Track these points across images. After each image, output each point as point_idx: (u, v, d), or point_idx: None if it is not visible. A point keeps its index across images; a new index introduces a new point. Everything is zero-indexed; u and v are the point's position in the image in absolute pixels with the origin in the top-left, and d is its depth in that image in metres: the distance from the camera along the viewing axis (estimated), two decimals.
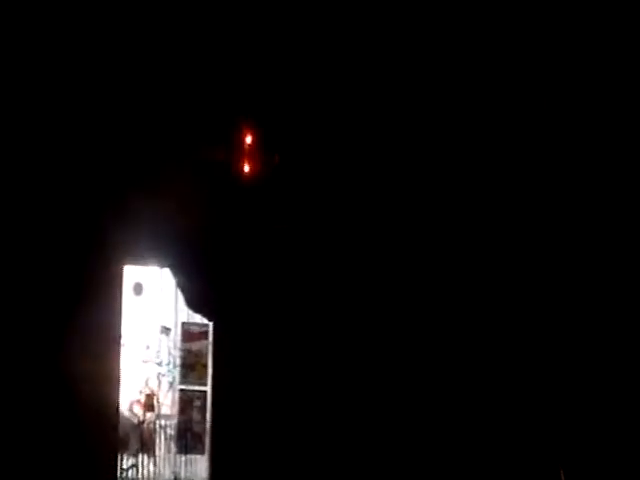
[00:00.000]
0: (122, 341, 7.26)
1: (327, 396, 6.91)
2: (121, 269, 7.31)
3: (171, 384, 7.47)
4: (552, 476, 6.55)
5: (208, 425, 7.23)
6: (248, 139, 7.00)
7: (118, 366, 7.15)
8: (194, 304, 7.27)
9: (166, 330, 7.53)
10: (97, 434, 6.79)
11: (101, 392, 6.91)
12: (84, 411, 6.72)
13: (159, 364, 7.54)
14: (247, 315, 7.00)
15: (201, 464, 7.21)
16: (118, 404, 7.14)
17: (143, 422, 7.40)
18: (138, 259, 7.39)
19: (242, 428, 6.80)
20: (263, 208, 7.07)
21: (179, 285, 7.37)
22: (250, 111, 7.01)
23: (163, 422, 7.41)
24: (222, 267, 7.06)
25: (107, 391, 7.00)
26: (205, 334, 7.34)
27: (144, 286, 7.59)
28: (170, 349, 7.51)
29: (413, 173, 7.13)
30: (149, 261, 7.45)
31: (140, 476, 7.30)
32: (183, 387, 7.36)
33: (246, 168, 7.02)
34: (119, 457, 7.18)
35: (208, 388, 7.22)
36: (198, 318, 7.43)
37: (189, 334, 7.43)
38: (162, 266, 7.48)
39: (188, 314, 7.44)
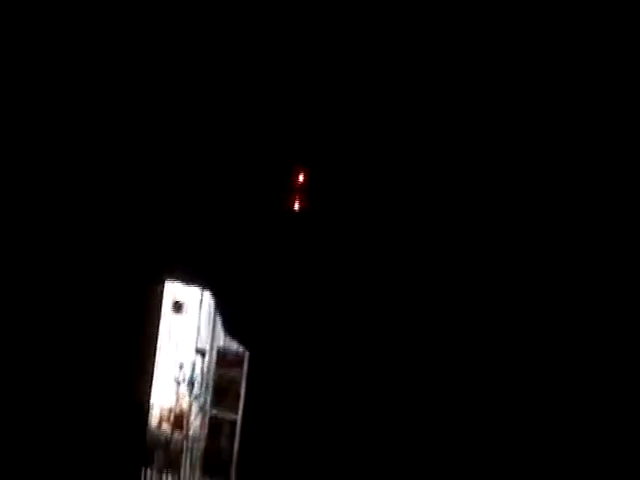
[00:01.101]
0: (157, 358, 7.32)
1: (355, 432, 6.95)
2: (162, 285, 7.39)
3: (201, 407, 7.54)
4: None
5: (235, 454, 7.28)
6: (299, 177, 7.10)
7: (151, 382, 7.23)
8: (232, 330, 7.33)
9: (202, 353, 7.62)
10: (124, 447, 6.89)
11: (131, 406, 7.01)
12: (113, 423, 6.82)
13: (191, 385, 7.63)
14: (284, 348, 7.05)
15: None
16: (147, 420, 7.19)
17: (170, 441, 7.51)
18: (181, 277, 7.47)
19: (269, 461, 6.86)
20: (307, 243, 7.13)
21: (218, 309, 7.44)
22: (302, 152, 7.11)
23: (190, 443, 7.53)
24: (263, 298, 7.12)
25: (137, 406, 7.09)
26: (240, 362, 7.37)
27: (184, 305, 7.69)
28: (204, 372, 7.60)
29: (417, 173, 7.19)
30: (191, 281, 7.53)
31: None
32: (214, 412, 7.43)
33: (294, 203, 7.10)
34: (144, 472, 7.25)
35: (239, 417, 7.28)
36: (235, 345, 7.50)
37: (224, 360, 7.47)
38: (204, 288, 7.56)
39: (225, 339, 7.52)
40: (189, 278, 7.47)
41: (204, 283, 7.46)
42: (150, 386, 7.25)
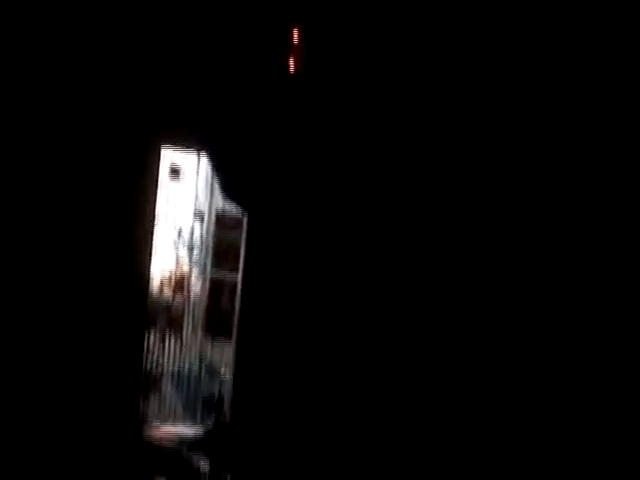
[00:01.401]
0: (156, 223, 7.28)
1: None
2: (159, 152, 7.29)
3: (202, 270, 7.56)
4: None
5: (236, 313, 7.29)
6: (294, 36, 6.90)
7: (151, 247, 7.20)
8: (230, 192, 7.27)
9: (200, 216, 7.58)
10: (126, 312, 6.92)
11: (132, 271, 7.00)
12: (114, 288, 6.83)
13: (191, 249, 7.62)
14: (282, 208, 6.99)
15: (227, 349, 7.35)
16: (149, 283, 7.19)
17: (172, 304, 7.55)
18: (176, 143, 7.37)
19: (270, 317, 6.88)
20: (303, 102, 7.00)
21: (216, 171, 7.35)
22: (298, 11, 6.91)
23: (192, 306, 7.57)
24: (261, 157, 7.03)
25: (138, 271, 7.09)
26: (239, 223, 7.33)
27: (181, 170, 7.61)
28: (203, 236, 7.58)
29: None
30: (187, 145, 7.42)
31: (166, 356, 7.51)
32: (214, 274, 7.45)
33: (290, 63, 6.93)
34: (146, 336, 7.30)
35: (239, 277, 7.26)
36: (233, 207, 7.44)
37: (223, 222, 7.44)
38: (200, 151, 7.46)
39: (223, 202, 7.46)
40: (185, 143, 7.37)
41: (200, 147, 7.36)
42: (150, 253, 7.21)
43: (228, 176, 7.24)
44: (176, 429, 5.64)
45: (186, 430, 5.59)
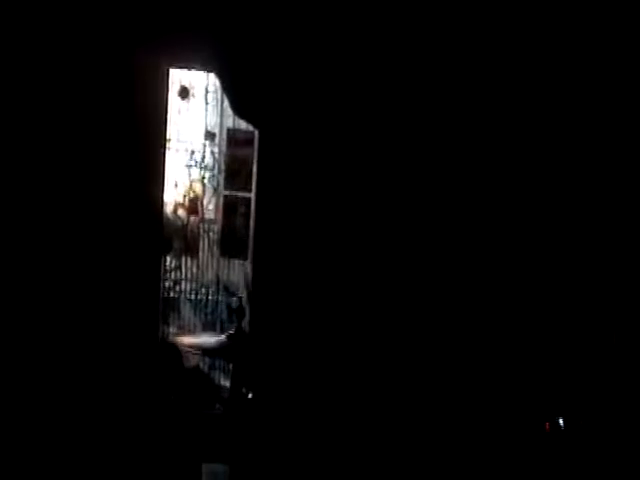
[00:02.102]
0: (167, 145, 7.20)
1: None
2: (167, 72, 7.17)
3: (215, 189, 7.50)
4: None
5: (251, 231, 7.23)
6: None
7: (163, 170, 7.13)
8: (240, 110, 7.14)
9: (211, 136, 7.49)
10: (141, 236, 6.88)
11: (146, 195, 6.95)
12: (128, 212, 6.79)
13: (204, 169, 7.55)
14: (293, 124, 6.87)
15: (243, 268, 7.32)
16: (163, 207, 7.14)
17: (187, 225, 7.51)
18: (185, 62, 7.25)
19: (284, 235, 6.82)
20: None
21: (225, 90, 7.23)
22: None
23: (207, 226, 7.52)
24: (271, 73, 6.89)
25: (152, 194, 7.03)
26: (251, 141, 7.23)
27: (190, 90, 7.51)
28: (215, 154, 7.50)
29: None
30: (196, 64, 7.30)
31: (183, 277, 7.51)
32: (227, 193, 7.39)
33: None
34: (163, 259, 7.28)
35: (252, 195, 7.18)
36: (244, 125, 7.33)
37: (235, 140, 7.36)
38: (209, 70, 7.33)
39: (234, 120, 7.36)
40: (193, 62, 7.24)
41: (209, 66, 7.23)
42: (163, 175, 7.14)
43: (238, 93, 7.12)
44: (197, 340, 5.69)
45: (207, 340, 5.62)
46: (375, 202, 6.89)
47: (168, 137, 7.18)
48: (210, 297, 7.52)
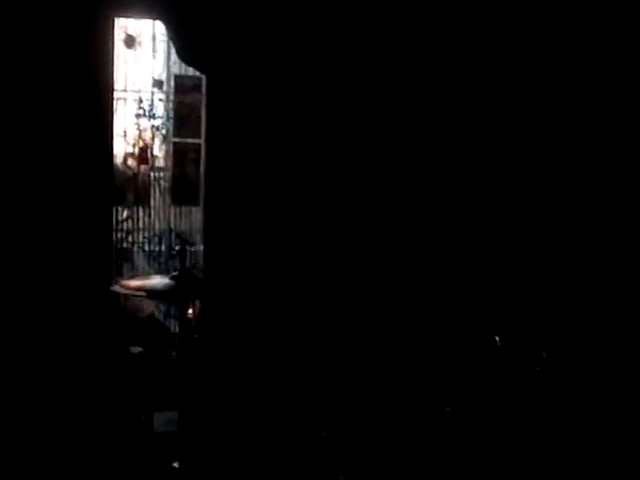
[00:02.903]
0: (114, 95, 7.10)
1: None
2: (112, 21, 7.06)
3: (165, 137, 7.44)
4: None
5: (202, 177, 7.18)
6: None
7: (111, 120, 7.04)
8: (187, 56, 7.03)
9: (159, 83, 7.41)
10: (92, 187, 6.80)
11: (95, 146, 6.86)
12: (78, 163, 6.69)
13: (152, 117, 7.48)
14: (241, 68, 6.80)
15: (195, 215, 7.29)
16: (112, 157, 7.05)
17: (137, 175, 7.44)
18: (129, 10, 7.13)
19: (234, 179, 6.78)
20: None
21: (171, 37, 7.12)
22: None
23: (157, 174, 7.46)
24: (216, 18, 6.81)
25: (101, 145, 6.94)
26: (198, 87, 7.14)
27: (136, 39, 7.42)
28: (163, 102, 7.43)
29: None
30: (141, 12, 7.19)
31: (135, 227, 7.45)
32: (177, 140, 7.34)
33: None
34: (114, 210, 7.20)
35: (202, 140, 7.11)
36: (191, 71, 7.23)
37: (182, 87, 7.29)
38: (154, 18, 7.21)
39: (181, 67, 7.28)
40: (138, 10, 7.13)
41: (154, 13, 7.12)
42: (111, 125, 7.05)
43: (184, 40, 7.03)
44: (143, 282, 5.64)
45: (152, 282, 5.58)
46: (320, 148, 6.84)
47: (115, 87, 7.10)
48: (163, 246, 7.48)
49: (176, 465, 5.48)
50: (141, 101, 7.46)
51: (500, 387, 6.30)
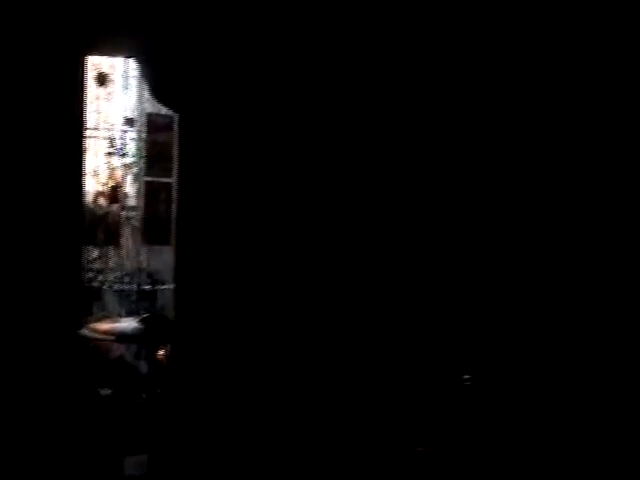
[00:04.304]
0: (86, 133, 7.06)
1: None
2: (83, 59, 7.04)
3: (136, 176, 7.39)
4: None
5: (173, 216, 7.12)
6: None
7: (82, 158, 6.99)
8: (159, 95, 7.03)
9: (131, 121, 7.38)
10: (62, 226, 6.74)
11: (65, 185, 6.80)
12: (48, 202, 6.64)
13: (124, 156, 7.43)
14: (213, 107, 6.78)
15: (166, 255, 7.22)
16: (83, 196, 6.99)
17: (108, 214, 7.38)
18: (101, 48, 7.11)
19: (206, 219, 6.73)
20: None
21: (144, 75, 7.11)
22: None
23: (129, 213, 7.40)
24: (189, 57, 6.80)
25: (71, 183, 6.88)
26: (170, 125, 7.14)
27: (108, 76, 7.39)
28: (135, 140, 7.39)
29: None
30: (113, 50, 7.17)
31: (106, 266, 7.37)
32: (148, 178, 7.29)
33: None
34: (85, 249, 7.13)
35: (174, 179, 7.08)
36: (164, 109, 7.22)
37: (154, 125, 7.27)
38: (127, 55, 7.21)
39: (153, 105, 7.26)
40: (110, 48, 7.11)
41: (127, 51, 7.10)
42: (81, 163, 7.00)
43: (158, 78, 7.01)
44: (112, 326, 5.57)
45: (122, 325, 5.51)
46: (296, 185, 6.84)
47: (86, 125, 7.06)
48: (134, 285, 7.40)
49: None
50: (113, 139, 7.43)
51: (471, 426, 6.25)
